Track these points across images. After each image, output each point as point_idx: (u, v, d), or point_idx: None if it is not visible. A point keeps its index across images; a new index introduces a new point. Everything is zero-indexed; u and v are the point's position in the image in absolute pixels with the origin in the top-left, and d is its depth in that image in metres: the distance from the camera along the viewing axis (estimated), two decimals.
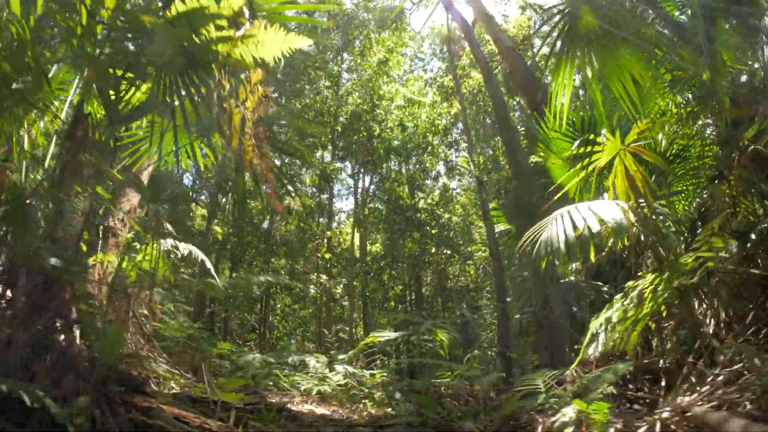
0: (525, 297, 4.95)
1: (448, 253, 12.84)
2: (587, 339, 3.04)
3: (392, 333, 4.65)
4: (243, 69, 2.91)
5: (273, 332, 19.57)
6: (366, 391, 6.52)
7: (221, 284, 5.83)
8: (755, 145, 3.35)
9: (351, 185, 15.71)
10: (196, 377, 4.35)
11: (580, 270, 5.39)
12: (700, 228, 3.98)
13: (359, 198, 15.27)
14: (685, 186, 4.28)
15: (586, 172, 3.61)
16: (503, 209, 6.11)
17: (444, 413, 3.05)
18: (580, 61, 3.71)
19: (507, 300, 5.00)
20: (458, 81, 9.76)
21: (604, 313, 2.96)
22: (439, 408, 3.12)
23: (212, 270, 5.13)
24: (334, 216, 15.83)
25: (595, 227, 3.05)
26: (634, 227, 3.22)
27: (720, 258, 3.27)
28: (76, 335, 2.79)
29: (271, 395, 4.39)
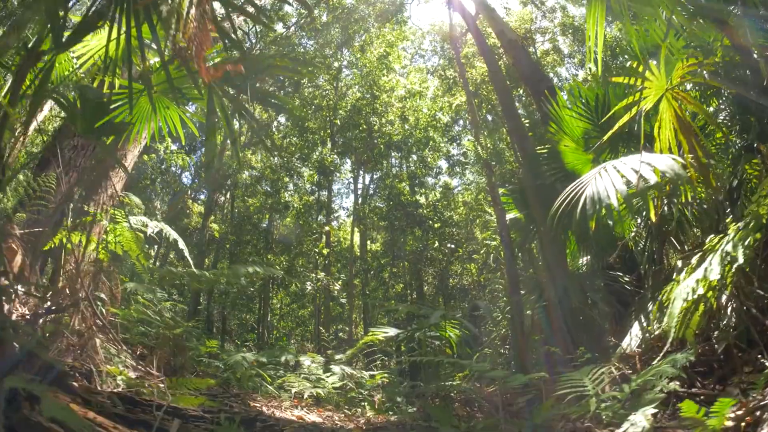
0: (540, 289, 4.35)
1: (452, 247, 12.23)
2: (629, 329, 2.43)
3: (393, 329, 4.06)
4: None
5: (273, 332, 18.96)
6: (365, 394, 5.92)
7: (208, 275, 5.23)
8: None
9: (350, 181, 15.14)
10: (165, 376, 3.75)
11: (603, 257, 4.82)
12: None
13: (359, 193, 14.70)
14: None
15: (629, 116, 2.99)
16: (513, 195, 5.52)
17: (459, 425, 2.46)
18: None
19: (521, 292, 4.40)
20: (462, 66, 9.21)
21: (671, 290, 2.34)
22: (454, 419, 2.52)
23: (187, 253, 4.54)
24: (334, 212, 15.22)
25: (652, 178, 2.47)
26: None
27: None
28: None
29: (257, 399, 3.80)
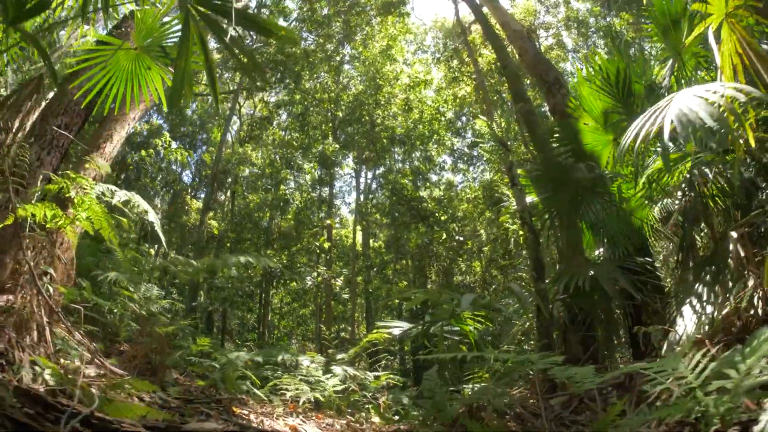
0: (566, 278, 3.79)
1: (461, 240, 11.66)
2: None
3: (404, 324, 3.51)
4: None
5: (274, 332, 18.42)
6: (369, 397, 5.36)
7: (197, 264, 4.70)
8: None
9: (353, 176, 14.59)
10: (139, 375, 3.21)
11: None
12: None
13: (362, 188, 14.15)
14: None
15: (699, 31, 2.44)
16: (530, 176, 4.97)
17: None
18: None
19: (546, 281, 3.84)
20: (470, 49, 8.69)
21: None
22: None
23: (158, 228, 4.01)
24: (335, 207, 14.65)
25: (740, 97, 1.94)
26: None
27: None
28: None
29: (248, 405, 3.24)
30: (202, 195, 19.52)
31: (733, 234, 2.85)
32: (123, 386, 2.05)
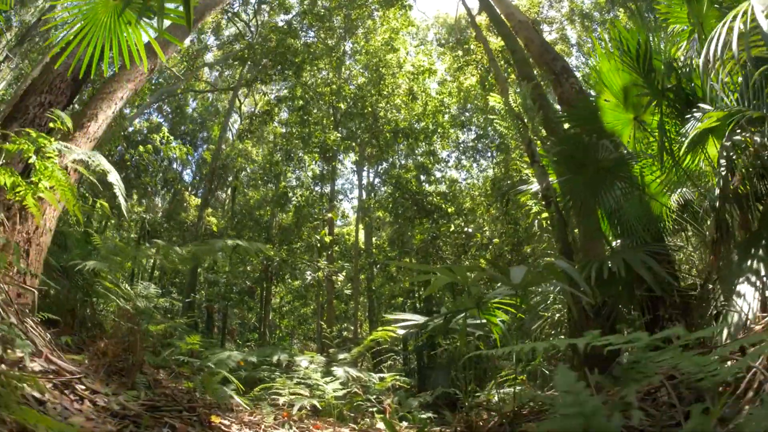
0: (596, 263, 3.26)
1: (469, 231, 11.11)
2: None
3: (417, 317, 2.99)
4: None
5: (275, 331, 17.89)
6: (374, 401, 4.84)
7: (180, 251, 4.19)
8: None
9: (355, 169, 14.06)
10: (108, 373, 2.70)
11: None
12: None
13: (364, 183, 13.63)
14: None
15: None
16: (548, 156, 4.46)
17: None
18: None
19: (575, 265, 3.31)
20: (478, 30, 8.18)
21: None
22: None
23: (120, 191, 3.51)
24: (337, 197, 14.09)
25: None
26: None
27: None
28: None
29: (236, 411, 2.72)
30: (201, 192, 19.05)
31: None
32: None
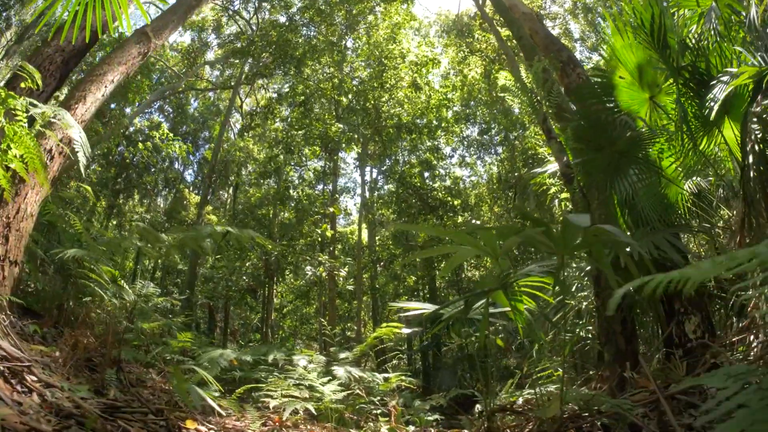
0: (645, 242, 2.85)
1: (478, 224, 10.66)
2: None
3: (426, 305, 2.55)
4: None
5: (278, 332, 17.48)
6: (378, 402, 4.43)
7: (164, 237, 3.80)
8: None
9: (357, 165, 13.65)
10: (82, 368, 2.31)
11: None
12: None
13: (367, 180, 13.21)
14: None
15: None
16: (565, 133, 4.06)
17: None
18: None
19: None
20: (485, 13, 7.79)
21: None
22: None
23: (82, 155, 3.13)
24: (339, 191, 13.66)
25: None
26: None
27: None
28: None
29: (204, 418, 2.31)
30: (208, 195, 18.67)
31: None
32: None
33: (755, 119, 3.49)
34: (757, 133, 3.54)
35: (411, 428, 3.96)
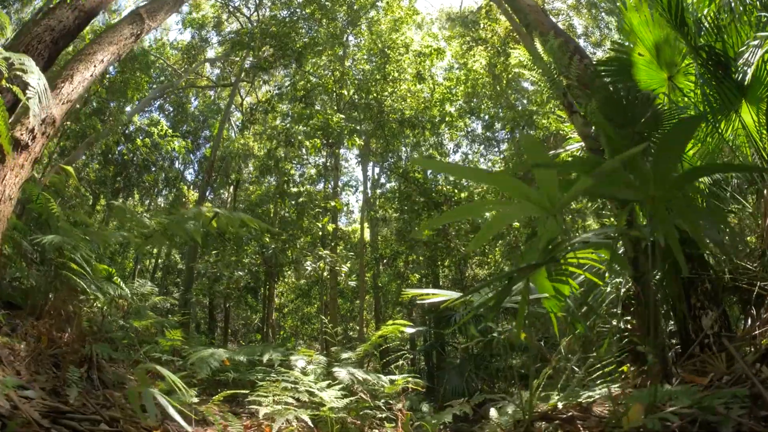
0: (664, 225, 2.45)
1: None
2: None
3: (451, 293, 2.13)
4: None
5: (280, 332, 17.06)
6: (384, 406, 3.99)
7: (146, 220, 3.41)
8: None
9: (359, 160, 13.24)
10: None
11: None
12: None
13: (369, 175, 12.80)
14: None
15: None
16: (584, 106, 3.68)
17: None
18: None
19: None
20: None
21: None
22: None
23: (39, 95, 2.75)
24: (341, 190, 13.23)
25: None
26: None
27: None
28: None
29: (179, 430, 1.89)
30: (207, 191, 18.25)
31: None
32: None
33: None
34: None
35: None
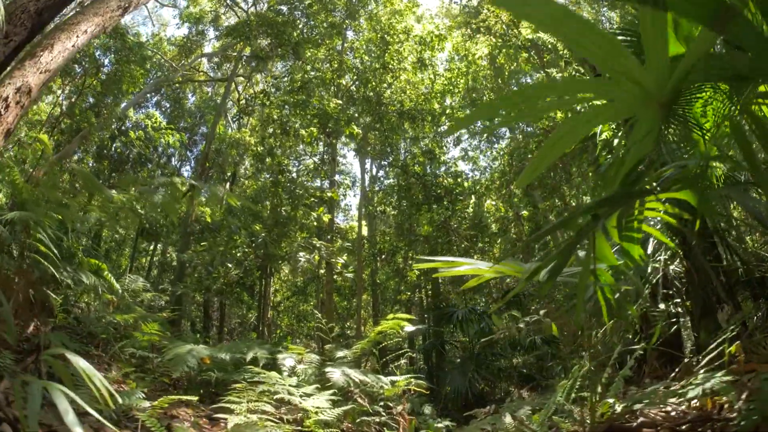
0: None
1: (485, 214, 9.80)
2: None
3: (479, 262, 1.68)
4: None
5: (276, 331, 16.60)
6: (383, 410, 3.56)
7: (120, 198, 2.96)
8: None
9: (356, 154, 12.78)
10: None
11: None
12: None
13: (367, 168, 12.34)
14: None
15: None
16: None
17: None
18: None
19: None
20: None
21: None
22: None
23: None
24: (339, 183, 12.75)
25: None
26: None
27: None
28: None
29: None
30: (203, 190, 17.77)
31: None
32: None
33: None
34: None
35: None
